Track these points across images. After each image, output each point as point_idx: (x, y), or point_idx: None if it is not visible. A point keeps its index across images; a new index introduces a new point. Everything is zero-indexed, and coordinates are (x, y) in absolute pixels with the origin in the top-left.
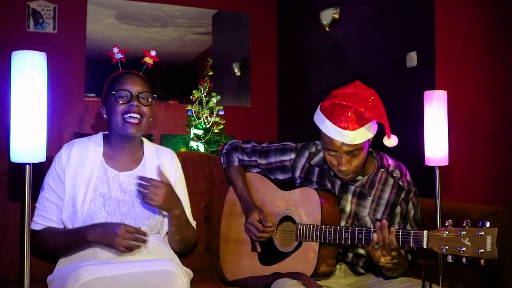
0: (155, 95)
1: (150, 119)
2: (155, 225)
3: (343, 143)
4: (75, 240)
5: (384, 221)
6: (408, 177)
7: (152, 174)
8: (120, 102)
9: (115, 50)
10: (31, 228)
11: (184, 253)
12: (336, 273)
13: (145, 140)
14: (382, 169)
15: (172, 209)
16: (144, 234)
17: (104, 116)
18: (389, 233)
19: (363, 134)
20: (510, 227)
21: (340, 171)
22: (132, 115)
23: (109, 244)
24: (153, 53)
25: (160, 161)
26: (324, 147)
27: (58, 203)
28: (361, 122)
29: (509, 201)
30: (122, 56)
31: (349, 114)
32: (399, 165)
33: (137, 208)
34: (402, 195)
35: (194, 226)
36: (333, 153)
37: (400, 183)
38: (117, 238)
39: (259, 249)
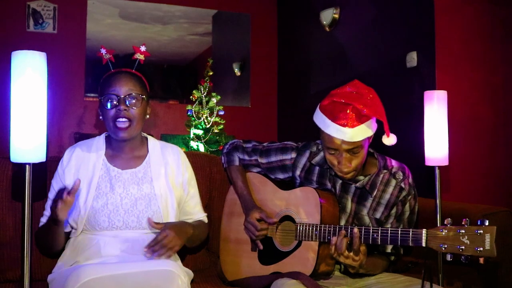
0: (144, 96)
1: (147, 116)
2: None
3: (342, 141)
4: (46, 227)
5: (344, 232)
6: (410, 180)
7: (156, 172)
8: (109, 107)
9: (103, 51)
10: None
11: (185, 252)
12: (336, 273)
13: (149, 137)
14: (385, 171)
15: (186, 235)
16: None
17: (101, 118)
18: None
19: (362, 131)
20: (510, 227)
21: (341, 170)
22: (120, 119)
23: (56, 213)
24: (143, 48)
25: (165, 159)
26: (324, 145)
27: None
28: (360, 119)
29: (509, 201)
30: (110, 56)
31: (348, 111)
32: (403, 167)
33: (140, 206)
34: (401, 197)
35: (206, 218)
36: (333, 152)
37: (402, 185)
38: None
39: (260, 247)
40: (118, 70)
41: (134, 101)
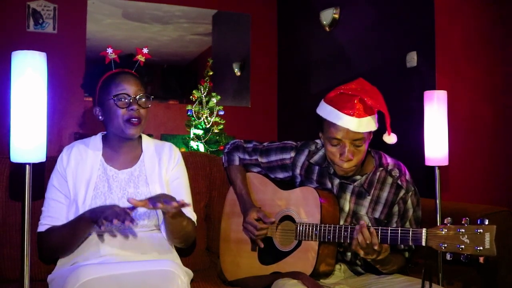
0: (152, 97)
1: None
2: (155, 223)
3: (348, 130)
4: (75, 223)
5: (363, 222)
6: (407, 176)
7: (150, 170)
8: (120, 107)
9: (109, 50)
10: (37, 231)
11: (185, 252)
12: (336, 273)
13: (144, 136)
14: (381, 168)
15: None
16: (132, 220)
17: (100, 117)
18: (370, 234)
19: (367, 123)
20: (510, 227)
21: (342, 164)
22: (132, 120)
23: (101, 211)
24: (145, 50)
25: (158, 155)
26: (328, 137)
27: (66, 202)
28: (366, 111)
29: (509, 201)
30: (115, 56)
31: (355, 102)
32: (398, 164)
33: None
34: (401, 194)
35: (194, 220)
36: (336, 143)
37: (399, 182)
38: (112, 209)
39: (261, 245)
40: (121, 70)
41: (144, 101)
